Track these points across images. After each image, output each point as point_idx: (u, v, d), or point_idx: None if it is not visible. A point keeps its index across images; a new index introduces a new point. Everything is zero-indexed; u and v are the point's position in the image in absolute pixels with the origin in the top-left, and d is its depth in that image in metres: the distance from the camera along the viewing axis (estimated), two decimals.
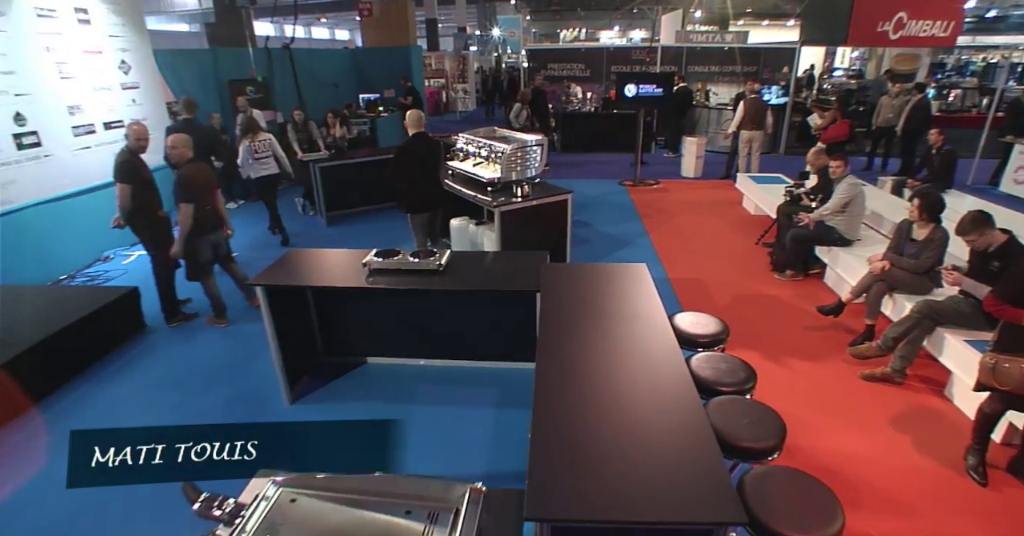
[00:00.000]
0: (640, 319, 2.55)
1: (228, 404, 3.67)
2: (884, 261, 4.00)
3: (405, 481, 1.15)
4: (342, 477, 1.11)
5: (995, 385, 2.59)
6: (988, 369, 2.61)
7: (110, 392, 3.89)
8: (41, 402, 3.74)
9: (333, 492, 1.06)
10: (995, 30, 26.30)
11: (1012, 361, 2.53)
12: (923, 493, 2.83)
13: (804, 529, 1.66)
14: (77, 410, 3.69)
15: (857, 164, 9.85)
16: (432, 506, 1.05)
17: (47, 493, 2.89)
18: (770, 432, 2.06)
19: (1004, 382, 2.54)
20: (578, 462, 1.63)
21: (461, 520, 1.01)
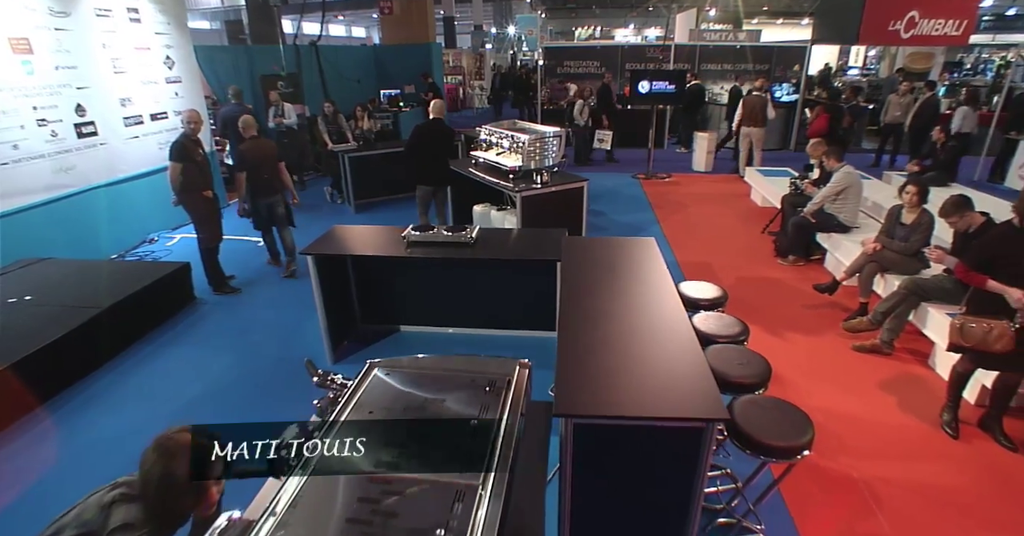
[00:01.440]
0: (649, 283, 2.92)
1: (276, 365, 4.10)
2: (876, 243, 4.34)
3: (470, 359, 1.54)
4: (422, 357, 1.50)
5: (962, 343, 2.93)
6: (956, 329, 2.95)
7: (170, 352, 4.34)
8: (110, 361, 4.19)
9: (416, 369, 1.44)
10: (1016, 28, 26.10)
11: (976, 321, 2.87)
12: (901, 444, 3.19)
13: (777, 437, 2.04)
14: (142, 369, 4.13)
15: (866, 160, 10.12)
16: (491, 376, 1.43)
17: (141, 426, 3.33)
18: (757, 371, 2.44)
19: (968, 339, 2.88)
20: (595, 378, 2.01)
21: (513, 386, 1.39)
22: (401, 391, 1.37)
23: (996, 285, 2.84)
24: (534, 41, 12.05)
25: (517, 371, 1.43)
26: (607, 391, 1.95)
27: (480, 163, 6.08)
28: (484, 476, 1.12)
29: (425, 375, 1.42)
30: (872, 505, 2.74)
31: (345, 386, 1.43)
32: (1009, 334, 2.78)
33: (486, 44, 23.70)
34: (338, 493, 1.08)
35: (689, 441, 1.87)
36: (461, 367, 1.49)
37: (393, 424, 1.21)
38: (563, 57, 14.04)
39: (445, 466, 1.07)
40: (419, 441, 1.08)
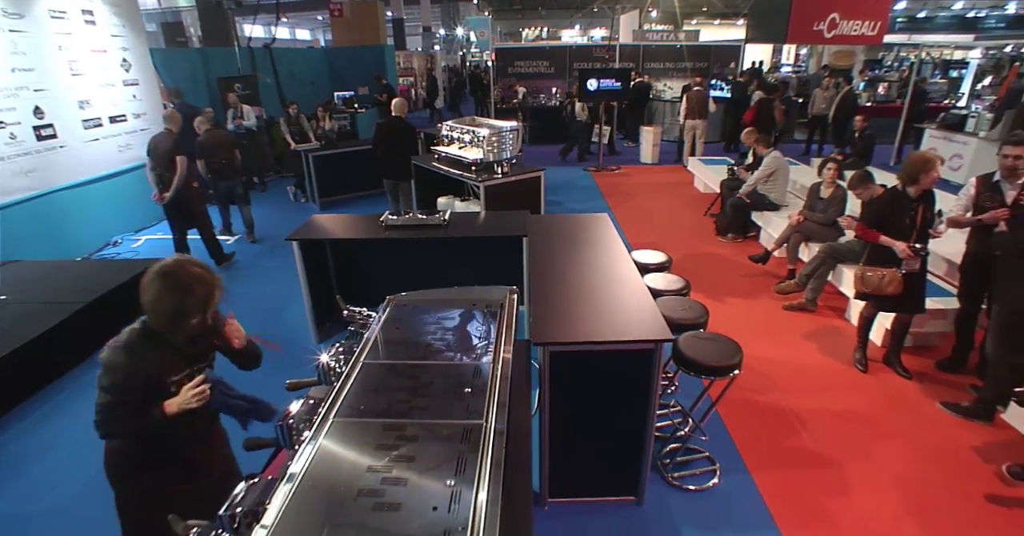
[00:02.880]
0: (605, 249, 3.37)
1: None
2: (799, 215, 4.95)
3: (468, 290, 1.91)
4: (431, 290, 1.86)
5: (863, 289, 3.50)
6: (858, 278, 3.52)
7: None
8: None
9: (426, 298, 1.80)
10: (924, 29, 28.31)
11: (873, 271, 3.45)
12: (821, 379, 3.75)
13: (714, 360, 2.52)
14: None
15: (797, 150, 11.00)
16: (487, 301, 1.81)
17: None
18: (697, 314, 2.92)
19: (868, 286, 3.46)
20: (564, 316, 2.43)
21: (505, 309, 1.76)
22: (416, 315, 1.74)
23: (886, 239, 3.42)
24: (485, 42, 12.43)
25: (507, 296, 1.81)
26: (575, 325, 2.37)
27: (443, 157, 6.42)
28: (486, 406, 1.39)
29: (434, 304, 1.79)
30: (797, 426, 3.28)
31: (371, 316, 1.78)
32: (898, 279, 3.37)
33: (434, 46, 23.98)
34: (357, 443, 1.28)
35: (643, 361, 2.31)
36: (463, 296, 1.87)
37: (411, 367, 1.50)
38: (514, 58, 14.50)
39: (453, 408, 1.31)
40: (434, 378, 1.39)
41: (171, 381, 1.75)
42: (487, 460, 1.10)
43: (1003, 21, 27.84)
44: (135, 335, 1.72)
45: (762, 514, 2.68)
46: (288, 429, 1.39)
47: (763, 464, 2.98)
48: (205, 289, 1.69)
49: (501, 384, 1.35)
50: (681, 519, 2.66)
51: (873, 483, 2.85)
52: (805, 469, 2.96)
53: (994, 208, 3.38)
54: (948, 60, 20.32)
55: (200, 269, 1.72)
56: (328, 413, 1.28)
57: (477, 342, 1.58)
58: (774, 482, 2.86)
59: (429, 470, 1.09)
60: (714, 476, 2.90)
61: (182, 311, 1.66)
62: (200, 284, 1.68)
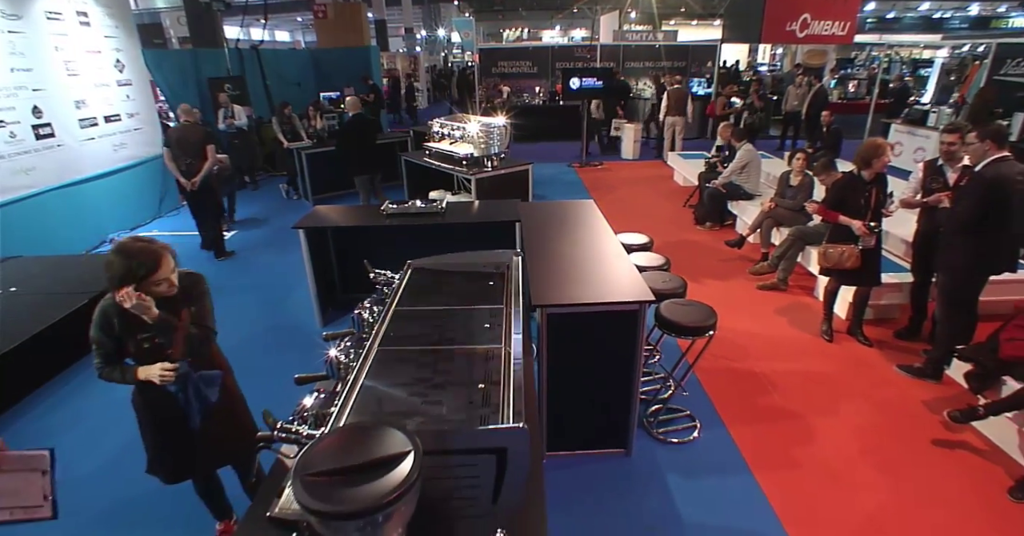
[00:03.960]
0: (593, 230, 3.67)
1: (274, 330, 4.57)
2: (771, 202, 5.31)
3: (479, 253, 2.19)
4: (445, 255, 2.13)
5: (825, 264, 3.85)
6: (821, 254, 3.87)
7: None
8: None
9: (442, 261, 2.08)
10: (893, 29, 29.26)
11: (834, 247, 3.80)
12: (791, 348, 4.10)
13: (691, 322, 2.83)
14: None
15: (772, 145, 11.45)
16: (496, 263, 2.08)
17: None
18: (677, 285, 3.24)
19: (829, 261, 3.81)
20: (560, 283, 2.72)
21: (512, 270, 2.04)
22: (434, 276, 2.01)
23: (844, 219, 3.76)
24: (470, 43, 12.70)
25: (513, 259, 2.10)
26: (570, 291, 2.67)
27: (434, 152, 6.69)
28: (503, 339, 1.69)
29: (449, 267, 2.06)
30: (768, 387, 3.61)
31: (394, 277, 2.05)
32: (856, 254, 3.72)
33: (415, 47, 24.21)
34: (401, 362, 1.56)
35: (629, 321, 2.61)
36: (475, 259, 2.15)
37: (437, 312, 1.79)
38: (497, 58, 14.78)
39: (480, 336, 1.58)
40: (458, 319, 1.67)
41: (140, 338, 2.02)
42: (511, 371, 1.39)
43: (966, 22, 28.88)
44: (103, 305, 2.03)
45: (737, 461, 3.00)
46: (336, 363, 1.65)
47: (738, 419, 3.31)
48: (149, 257, 1.91)
49: (514, 319, 1.63)
50: (666, 467, 2.96)
51: (834, 433, 3.19)
52: (775, 423, 3.29)
53: (939, 189, 3.76)
54: (916, 59, 21.09)
55: (143, 242, 1.96)
56: (372, 344, 1.54)
57: (491, 292, 1.86)
58: (747, 434, 3.19)
59: (463, 379, 1.37)
60: (694, 431, 3.22)
61: (126, 275, 1.89)
62: (143, 253, 1.90)
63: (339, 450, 0.98)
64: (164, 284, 1.95)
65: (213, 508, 2.41)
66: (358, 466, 0.93)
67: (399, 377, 1.42)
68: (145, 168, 7.70)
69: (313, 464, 0.94)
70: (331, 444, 1.01)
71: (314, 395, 1.65)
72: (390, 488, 0.90)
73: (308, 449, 1.00)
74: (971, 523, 2.60)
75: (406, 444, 0.98)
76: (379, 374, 1.40)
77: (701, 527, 2.60)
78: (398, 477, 0.92)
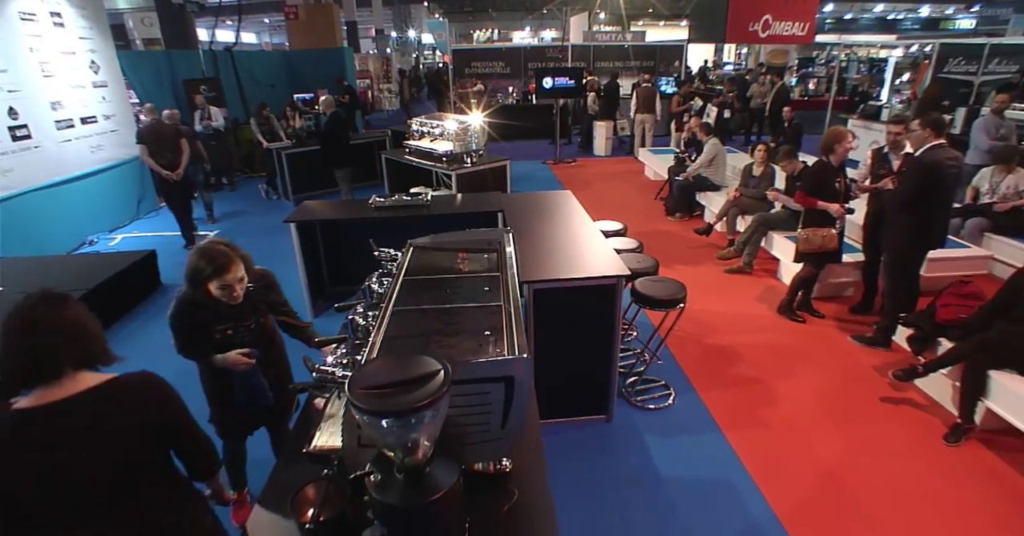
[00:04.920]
0: (572, 217, 3.93)
1: None
2: (736, 191, 5.66)
3: (474, 231, 2.41)
4: (442, 234, 2.35)
5: (808, 248, 4.15)
6: (804, 240, 4.16)
7: (152, 331, 4.73)
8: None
9: (440, 240, 2.30)
10: (851, 30, 30.42)
11: (813, 232, 4.11)
12: (755, 324, 4.43)
13: (664, 295, 3.11)
14: (133, 342, 4.56)
15: (738, 141, 11.92)
16: (489, 239, 2.32)
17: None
18: (650, 265, 3.52)
19: (812, 245, 4.11)
20: (544, 261, 2.97)
21: (505, 245, 2.28)
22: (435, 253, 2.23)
23: (823, 204, 4.08)
24: (444, 44, 12.88)
25: (504, 235, 2.33)
26: (553, 268, 2.92)
27: (414, 150, 6.88)
28: (503, 298, 1.91)
29: (449, 245, 2.28)
30: (735, 358, 3.93)
31: (397, 254, 2.26)
32: (834, 235, 4.08)
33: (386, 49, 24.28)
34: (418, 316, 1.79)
35: (608, 294, 2.88)
36: (470, 237, 2.38)
37: (441, 280, 1.99)
38: (470, 58, 15.00)
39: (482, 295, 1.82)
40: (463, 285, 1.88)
41: (216, 330, 2.21)
42: (511, 321, 1.63)
43: (918, 23, 30.22)
44: (179, 296, 2.21)
45: (709, 423, 3.29)
46: (353, 324, 1.87)
47: (708, 386, 3.61)
48: (220, 259, 2.05)
49: (510, 283, 1.87)
50: (645, 430, 3.24)
51: (795, 396, 3.52)
52: (742, 388, 3.60)
53: (885, 174, 4.13)
54: (873, 58, 22.02)
55: (224, 246, 2.11)
56: (388, 306, 1.75)
57: (487, 264, 2.09)
58: (717, 399, 3.49)
59: (471, 329, 1.60)
60: (669, 398, 3.50)
61: (198, 276, 2.05)
62: (216, 256, 2.05)
63: (381, 371, 1.20)
64: (228, 289, 2.07)
65: (235, 476, 2.59)
66: (400, 381, 1.15)
67: (416, 329, 1.64)
68: (123, 170, 7.70)
69: (362, 382, 1.16)
70: (374, 367, 1.23)
71: (337, 353, 1.86)
72: (429, 393, 1.12)
73: (355, 373, 1.21)
74: (913, 465, 2.94)
75: (437, 365, 1.21)
76: (398, 327, 1.62)
77: (678, 479, 2.87)
78: (434, 386, 1.14)
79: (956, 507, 2.68)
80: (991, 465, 2.93)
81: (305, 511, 1.43)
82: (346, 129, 7.47)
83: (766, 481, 2.84)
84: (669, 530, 2.58)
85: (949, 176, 3.56)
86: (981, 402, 3.05)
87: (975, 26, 27.93)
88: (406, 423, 1.12)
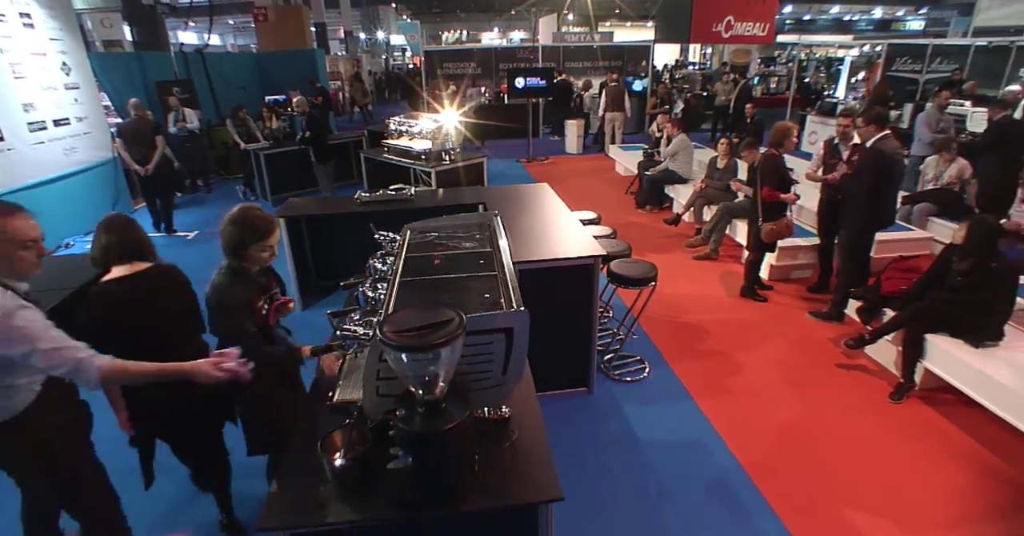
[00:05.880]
0: (550, 207, 4.18)
1: None
2: (702, 183, 6.01)
3: (465, 215, 2.64)
4: (435, 218, 2.57)
5: (776, 238, 4.48)
6: (770, 232, 4.47)
7: None
8: None
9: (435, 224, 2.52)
10: (810, 30, 31.54)
11: (777, 223, 4.42)
12: (723, 304, 4.76)
13: (637, 275, 3.39)
14: None
15: (705, 137, 12.38)
16: (479, 222, 2.55)
17: None
18: (623, 248, 3.80)
19: (780, 235, 4.45)
20: (527, 243, 3.21)
21: (493, 226, 2.51)
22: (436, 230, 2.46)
23: (784, 196, 4.42)
24: (416, 46, 13.02)
25: (493, 217, 2.56)
26: (536, 251, 3.17)
27: (392, 149, 7.05)
28: (497, 268, 2.14)
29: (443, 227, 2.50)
30: (703, 334, 4.24)
31: (396, 237, 2.47)
32: (792, 222, 4.43)
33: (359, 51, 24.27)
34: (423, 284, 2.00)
35: (587, 273, 3.13)
36: (462, 220, 2.60)
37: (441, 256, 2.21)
38: (442, 59, 15.16)
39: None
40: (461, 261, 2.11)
41: (259, 306, 2.22)
42: (508, 285, 1.86)
43: (871, 24, 31.51)
44: (222, 277, 2.16)
45: (681, 391, 3.58)
46: (366, 296, 2.08)
47: (680, 359, 3.91)
48: (264, 224, 2.16)
49: (502, 255, 2.10)
50: (623, 400, 3.51)
51: (758, 365, 3.84)
52: (710, 360, 3.91)
53: (835, 163, 4.50)
54: (831, 57, 22.94)
55: (259, 212, 2.27)
56: (395, 278, 1.96)
57: (479, 242, 2.32)
58: (688, 370, 3.78)
59: (473, 291, 1.83)
60: (644, 371, 3.78)
61: (244, 242, 2.12)
62: (260, 220, 2.15)
63: (407, 318, 1.41)
64: (269, 250, 2.18)
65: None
66: (424, 325, 1.38)
67: (423, 294, 1.86)
68: (97, 172, 7.67)
69: (392, 326, 1.38)
70: (400, 316, 1.44)
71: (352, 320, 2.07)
72: (449, 333, 1.35)
73: (384, 321, 1.43)
74: (862, 421, 3.28)
75: (453, 313, 1.43)
76: (407, 294, 1.84)
77: (655, 440, 3.15)
78: (452, 328, 1.37)
79: (898, 454, 3.02)
80: (928, 418, 3.29)
81: (333, 452, 1.64)
82: (323, 129, 7.69)
83: (733, 439, 3.13)
84: (648, 482, 2.85)
85: (898, 163, 3.94)
86: (920, 363, 3.41)
87: (924, 27, 29.28)
88: (430, 357, 1.35)
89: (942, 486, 2.80)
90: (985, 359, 3.13)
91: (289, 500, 1.61)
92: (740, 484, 2.82)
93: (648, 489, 2.81)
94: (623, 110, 10.85)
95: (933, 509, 2.66)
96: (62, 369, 1.74)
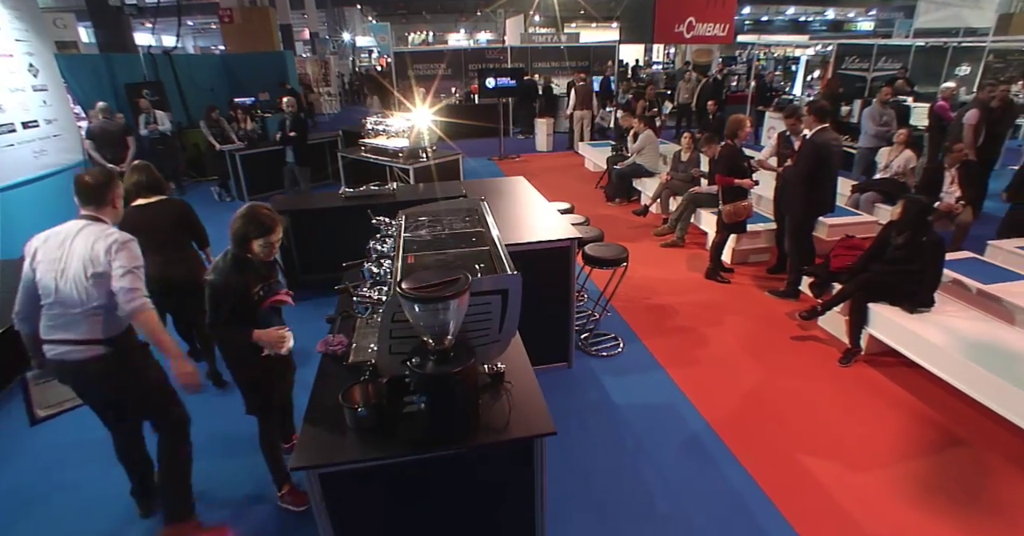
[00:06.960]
0: (528, 198, 4.45)
1: None
2: (667, 175, 6.37)
3: (455, 201, 2.87)
4: (427, 204, 2.79)
5: (736, 219, 4.83)
6: (730, 212, 4.83)
7: None
8: None
9: (427, 210, 2.75)
10: (768, 31, 32.65)
11: (735, 205, 4.79)
12: (689, 286, 5.10)
13: (610, 256, 3.68)
14: None
15: (670, 134, 12.83)
16: (469, 206, 2.79)
17: None
18: (597, 234, 4.10)
19: (739, 215, 4.81)
20: (507, 230, 3.45)
21: (481, 210, 2.75)
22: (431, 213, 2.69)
23: (740, 181, 4.79)
24: (387, 47, 13.15)
25: (480, 202, 2.81)
26: (517, 235, 3.43)
27: (370, 148, 7.21)
28: (489, 244, 2.40)
29: (433, 211, 2.73)
30: (673, 313, 4.57)
31: (392, 222, 2.69)
32: (751, 204, 4.79)
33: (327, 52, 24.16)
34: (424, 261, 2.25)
35: (564, 255, 3.41)
36: (452, 205, 2.84)
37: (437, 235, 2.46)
38: (413, 60, 15.31)
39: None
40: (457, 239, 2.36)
41: (255, 291, 2.41)
42: (500, 256, 2.12)
43: (825, 24, 32.81)
44: (224, 261, 2.36)
45: (653, 364, 3.89)
46: (373, 272, 2.31)
47: (651, 336, 4.22)
48: (269, 221, 2.35)
49: (490, 234, 2.36)
50: (600, 373, 3.79)
51: (723, 339, 4.18)
52: (678, 335, 4.24)
53: (788, 154, 4.88)
54: (788, 56, 23.84)
55: (267, 210, 2.41)
56: (399, 255, 2.19)
57: (469, 223, 2.57)
58: (659, 345, 4.10)
59: (470, 263, 2.08)
60: (619, 347, 4.08)
61: (248, 235, 2.31)
62: (266, 218, 2.34)
63: (421, 277, 1.65)
64: (270, 246, 2.36)
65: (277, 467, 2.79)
66: (437, 282, 1.63)
67: (426, 268, 2.10)
68: (68, 175, 7.59)
69: (409, 283, 1.62)
70: (415, 276, 1.68)
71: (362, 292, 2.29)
72: (458, 287, 1.60)
73: (402, 279, 1.66)
74: (816, 384, 3.64)
75: (460, 272, 1.68)
76: (412, 267, 2.08)
77: (631, 405, 3.44)
78: (461, 284, 1.62)
79: (846, 409, 3.38)
80: (873, 378, 3.67)
81: (354, 401, 1.88)
82: (305, 129, 7.78)
83: (702, 402, 3.45)
84: (624, 441, 3.14)
85: (835, 153, 4.33)
86: (865, 331, 3.79)
87: (873, 28, 30.67)
88: (443, 307, 1.59)
89: (883, 433, 3.17)
90: (919, 323, 3.52)
91: (316, 446, 1.83)
92: (709, 439, 3.13)
93: (626, 445, 3.09)
94: (591, 108, 11.20)
95: (874, 452, 3.02)
96: (132, 294, 2.22)
